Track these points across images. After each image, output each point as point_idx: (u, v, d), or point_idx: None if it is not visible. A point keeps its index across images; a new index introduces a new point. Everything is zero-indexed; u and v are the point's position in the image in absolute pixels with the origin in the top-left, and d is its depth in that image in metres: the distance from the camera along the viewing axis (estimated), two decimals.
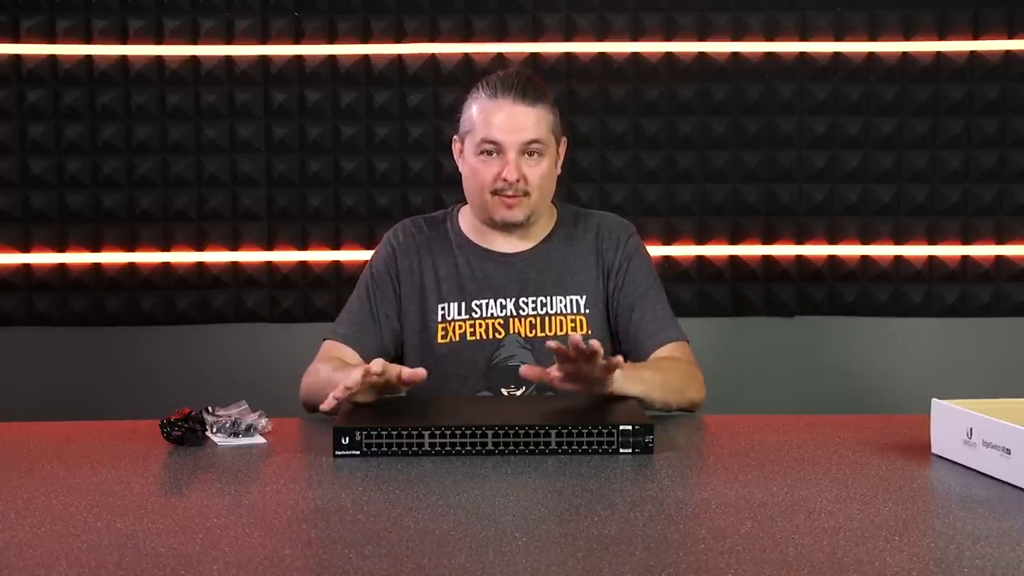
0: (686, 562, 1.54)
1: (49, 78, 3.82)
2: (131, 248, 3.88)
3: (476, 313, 2.52)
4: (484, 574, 1.50)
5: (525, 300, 2.52)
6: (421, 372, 2.23)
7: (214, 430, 2.19)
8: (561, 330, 2.51)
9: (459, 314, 2.52)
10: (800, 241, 3.93)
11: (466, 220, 2.59)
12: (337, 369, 2.39)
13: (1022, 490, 1.85)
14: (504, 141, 2.45)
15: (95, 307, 3.88)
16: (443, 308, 2.53)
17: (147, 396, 3.81)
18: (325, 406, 2.20)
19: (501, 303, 2.53)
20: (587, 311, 2.53)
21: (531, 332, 2.51)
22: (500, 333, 2.52)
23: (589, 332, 2.52)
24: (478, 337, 2.51)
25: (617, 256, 2.55)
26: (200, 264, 3.89)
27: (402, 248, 2.58)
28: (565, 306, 2.53)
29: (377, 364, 2.16)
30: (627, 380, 2.29)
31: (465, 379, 2.51)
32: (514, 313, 2.52)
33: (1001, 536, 1.65)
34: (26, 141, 3.84)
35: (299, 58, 3.86)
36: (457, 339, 2.52)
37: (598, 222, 2.60)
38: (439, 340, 2.52)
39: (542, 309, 2.52)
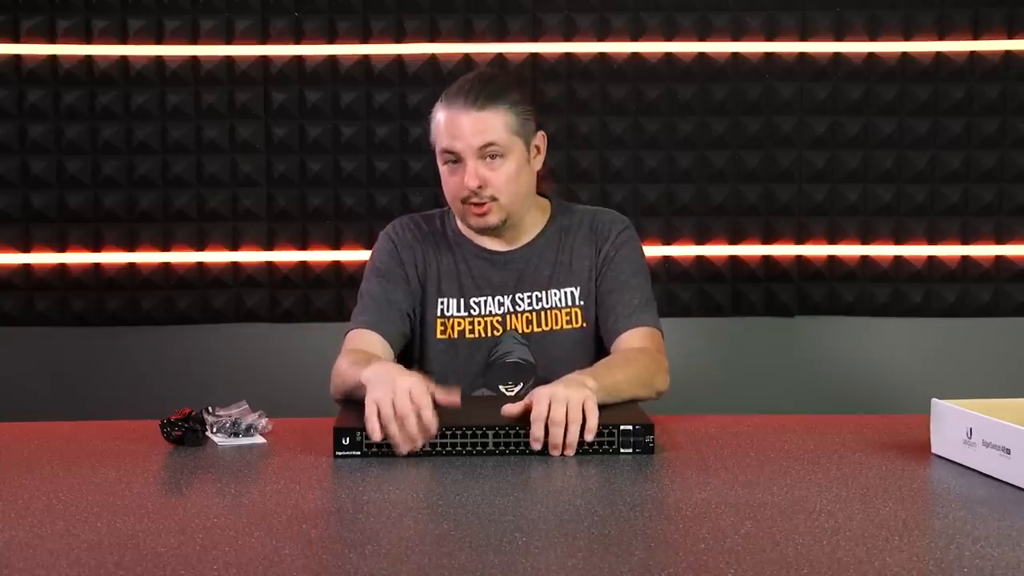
0: (686, 562, 1.54)
1: (49, 78, 3.82)
2: (131, 248, 3.88)
3: (475, 311, 2.52)
4: (484, 574, 1.50)
5: (521, 296, 2.52)
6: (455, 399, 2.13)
7: (214, 430, 2.19)
8: (557, 324, 2.51)
9: (458, 311, 2.52)
10: (800, 241, 3.93)
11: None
12: (357, 363, 2.28)
13: (1022, 490, 1.85)
14: (460, 149, 2.41)
15: (95, 307, 3.88)
16: (442, 303, 2.52)
17: (147, 396, 3.81)
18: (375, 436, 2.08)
19: (499, 300, 2.52)
20: (581, 303, 2.52)
21: (528, 328, 2.51)
22: (498, 330, 2.51)
23: (584, 325, 2.51)
24: (477, 335, 2.51)
25: (607, 249, 2.53)
26: (200, 264, 3.89)
27: (402, 241, 2.56)
28: (560, 299, 2.52)
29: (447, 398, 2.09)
30: (600, 393, 2.18)
31: (462, 376, 2.50)
32: (511, 309, 2.52)
33: (1001, 536, 1.65)
34: (26, 141, 3.84)
35: (299, 58, 3.86)
36: (455, 336, 2.51)
37: (594, 215, 2.58)
38: (437, 335, 2.52)
39: (537, 304, 2.52)
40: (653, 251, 3.87)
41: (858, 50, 3.88)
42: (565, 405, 2.07)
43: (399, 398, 2.05)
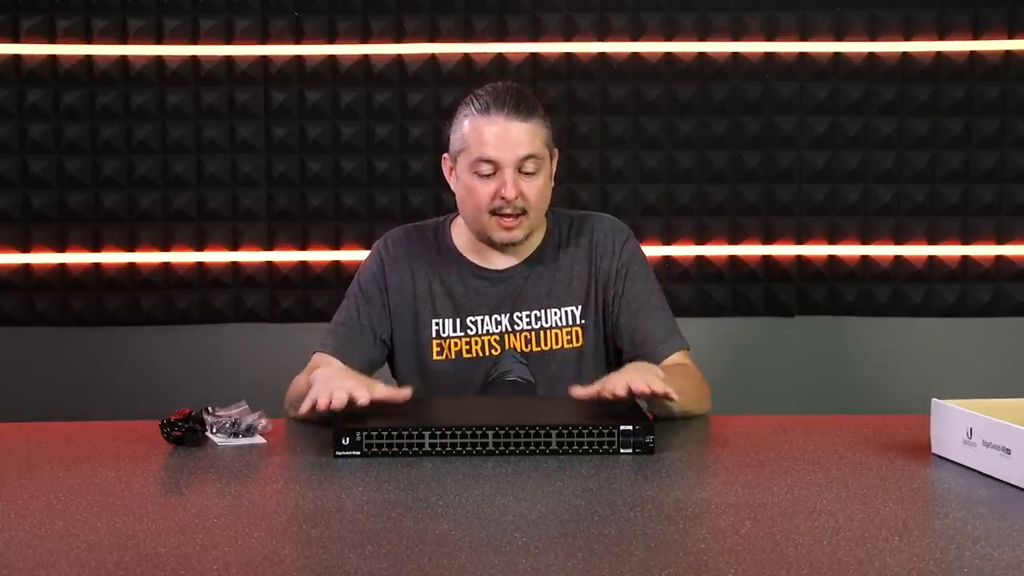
0: (686, 562, 1.54)
1: (49, 78, 3.82)
2: (131, 248, 3.87)
3: (471, 330, 2.49)
4: (484, 574, 1.50)
5: (519, 315, 2.49)
6: (406, 392, 2.23)
7: (214, 430, 2.19)
8: (556, 343, 2.48)
9: (454, 331, 2.49)
10: (800, 241, 3.93)
11: (459, 235, 2.53)
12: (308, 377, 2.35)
13: (1022, 490, 1.85)
14: (500, 158, 2.38)
15: (95, 307, 3.88)
16: (437, 324, 2.49)
17: (147, 396, 3.81)
18: (303, 409, 2.20)
19: (496, 319, 2.49)
20: (583, 321, 2.49)
21: (527, 347, 2.48)
22: (496, 349, 2.48)
23: (584, 344, 2.49)
24: (474, 355, 2.48)
25: (614, 263, 2.50)
26: (200, 264, 3.89)
27: (392, 260, 2.52)
28: (560, 319, 2.49)
29: (365, 398, 2.16)
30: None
31: (462, 395, 2.49)
32: (509, 328, 2.48)
33: (1001, 536, 1.65)
34: (26, 141, 3.84)
35: (299, 58, 3.86)
36: (453, 357, 2.48)
37: (592, 226, 2.54)
38: (434, 356, 2.49)
39: (536, 323, 2.49)
40: (653, 251, 3.86)
41: (858, 50, 3.88)
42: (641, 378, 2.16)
43: (337, 396, 2.15)
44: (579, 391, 2.21)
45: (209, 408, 2.21)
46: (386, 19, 3.86)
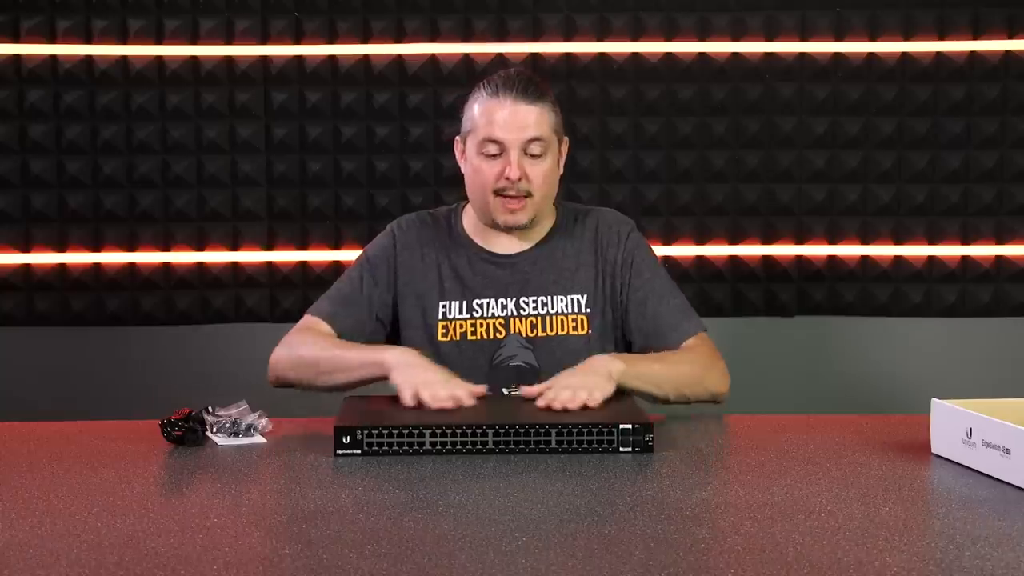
0: (686, 562, 1.54)
1: (49, 78, 3.82)
2: (131, 248, 3.88)
3: (477, 312, 2.52)
4: (484, 574, 1.50)
5: (526, 300, 2.52)
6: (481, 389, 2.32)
7: (214, 430, 2.19)
8: (562, 330, 2.51)
9: (460, 313, 2.52)
10: (800, 241, 3.93)
11: (469, 219, 2.58)
12: (339, 346, 2.44)
13: (1022, 490, 1.85)
14: (506, 139, 2.43)
15: (95, 307, 3.88)
16: (444, 306, 2.53)
17: (147, 396, 3.81)
18: (409, 402, 2.26)
19: (502, 303, 2.52)
20: (588, 310, 2.52)
21: (532, 332, 2.51)
22: (501, 333, 2.51)
23: (589, 332, 2.51)
24: (479, 337, 2.51)
25: (619, 253, 2.53)
26: (200, 264, 3.89)
27: (405, 240, 2.56)
28: (566, 306, 2.52)
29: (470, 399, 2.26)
30: (629, 376, 2.32)
31: (466, 378, 2.50)
32: (515, 313, 2.51)
33: (1001, 536, 1.65)
34: (26, 141, 3.84)
35: (299, 58, 3.86)
36: (458, 338, 2.51)
37: (597, 219, 2.58)
38: (440, 338, 2.52)
39: (543, 309, 2.52)
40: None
41: (858, 50, 3.88)
42: (574, 394, 2.23)
43: (458, 395, 2.25)
44: (528, 390, 2.29)
45: (209, 408, 2.21)
46: (386, 19, 3.86)
